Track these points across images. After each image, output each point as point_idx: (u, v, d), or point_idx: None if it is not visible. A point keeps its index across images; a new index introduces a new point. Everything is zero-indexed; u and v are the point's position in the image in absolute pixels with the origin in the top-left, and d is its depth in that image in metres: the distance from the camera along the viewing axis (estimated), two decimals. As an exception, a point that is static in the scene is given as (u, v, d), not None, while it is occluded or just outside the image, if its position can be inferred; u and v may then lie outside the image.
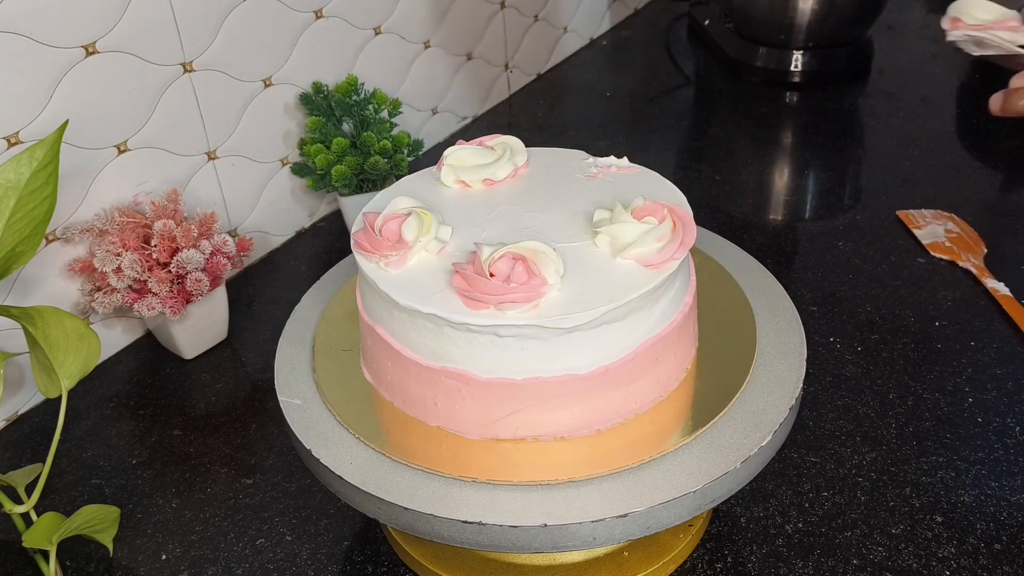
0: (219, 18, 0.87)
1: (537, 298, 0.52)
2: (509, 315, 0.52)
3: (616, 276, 0.54)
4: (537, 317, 0.52)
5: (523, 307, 0.52)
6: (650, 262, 0.55)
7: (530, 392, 0.54)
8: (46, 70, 0.76)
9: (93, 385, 0.84)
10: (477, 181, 0.63)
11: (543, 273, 0.53)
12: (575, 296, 0.53)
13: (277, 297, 0.94)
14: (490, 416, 0.56)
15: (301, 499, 0.72)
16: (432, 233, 0.57)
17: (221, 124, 0.91)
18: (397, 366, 0.58)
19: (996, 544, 0.65)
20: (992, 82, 1.24)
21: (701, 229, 0.71)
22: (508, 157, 0.64)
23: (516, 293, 0.52)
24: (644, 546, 0.64)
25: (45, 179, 0.66)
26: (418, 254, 0.57)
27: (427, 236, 0.57)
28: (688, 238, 0.56)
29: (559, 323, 0.52)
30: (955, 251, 0.88)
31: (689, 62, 1.39)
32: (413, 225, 0.57)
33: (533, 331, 0.52)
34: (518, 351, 0.53)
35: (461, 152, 0.64)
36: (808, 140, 1.19)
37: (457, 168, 0.63)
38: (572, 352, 0.53)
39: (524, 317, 0.52)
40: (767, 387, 0.59)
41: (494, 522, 0.52)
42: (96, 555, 0.69)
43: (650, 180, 0.63)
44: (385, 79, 1.06)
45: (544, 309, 0.52)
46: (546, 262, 0.53)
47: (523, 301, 0.52)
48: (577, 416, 0.56)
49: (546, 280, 0.53)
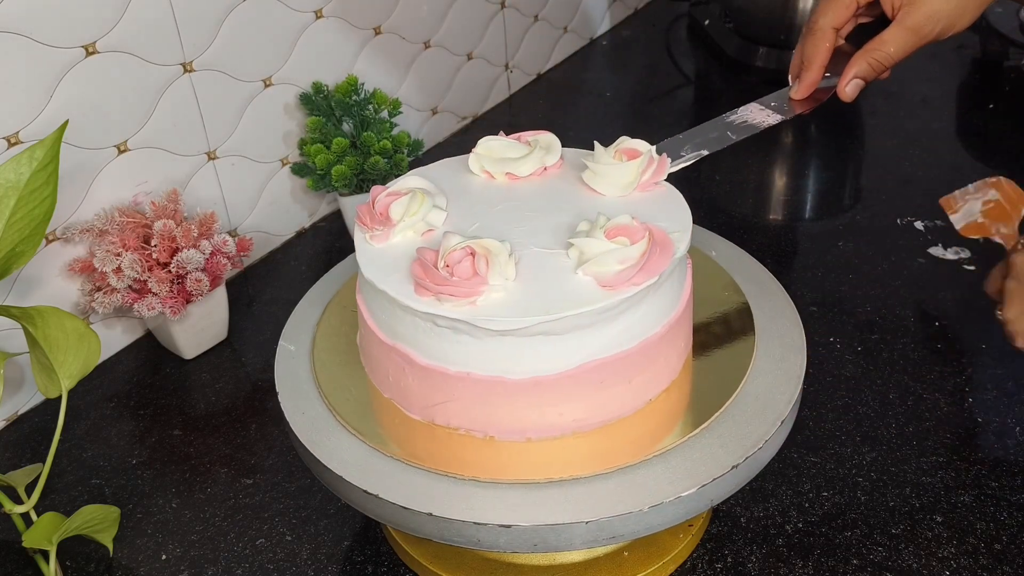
0: (219, 18, 0.87)
1: (474, 295, 0.53)
2: (445, 307, 0.53)
3: (567, 289, 0.54)
4: (469, 314, 0.52)
5: (459, 301, 0.53)
6: (607, 282, 0.53)
7: (462, 386, 0.55)
8: (46, 70, 0.76)
9: (93, 385, 0.84)
10: (501, 174, 0.64)
11: (487, 273, 0.53)
12: (516, 301, 0.53)
13: (277, 297, 0.94)
14: (428, 400, 0.57)
15: (301, 499, 0.72)
16: (420, 215, 0.58)
17: (221, 124, 0.91)
18: (367, 337, 0.60)
19: (996, 544, 0.65)
20: (992, 82, 1.24)
21: (701, 229, 0.71)
22: (538, 154, 0.64)
23: (454, 287, 0.53)
24: (644, 546, 0.64)
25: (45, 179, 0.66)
26: (403, 232, 0.58)
27: (414, 217, 0.58)
28: (654, 267, 0.54)
29: (487, 323, 0.52)
30: (986, 225, 0.83)
31: (689, 62, 1.39)
32: (403, 204, 0.58)
33: (466, 327, 0.53)
34: (453, 344, 0.54)
35: (493, 143, 0.65)
36: (808, 140, 1.19)
37: (483, 158, 0.64)
38: (506, 356, 0.54)
39: (457, 311, 0.52)
40: (767, 387, 0.59)
41: (494, 522, 0.52)
42: (96, 555, 0.69)
43: (667, 199, 0.61)
44: (385, 79, 1.06)
45: (480, 308, 0.53)
46: (496, 263, 0.53)
47: (460, 296, 0.53)
48: (505, 419, 0.56)
49: (486, 280, 0.53)
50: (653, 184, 0.62)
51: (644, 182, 0.61)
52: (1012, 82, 1.23)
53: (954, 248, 0.93)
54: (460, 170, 0.65)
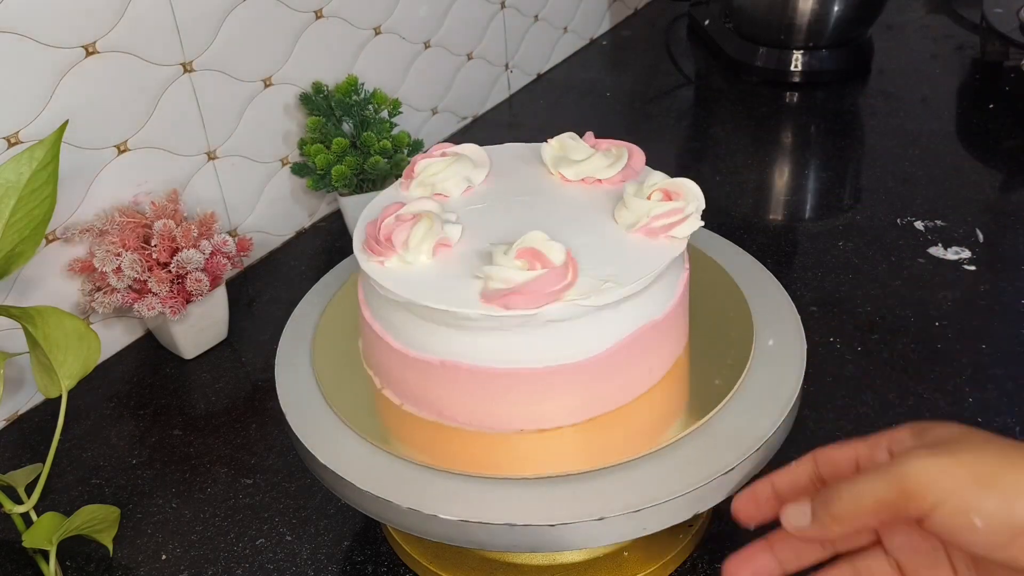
0: (219, 18, 0.87)
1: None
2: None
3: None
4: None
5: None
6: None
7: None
8: (46, 70, 0.76)
9: (93, 385, 0.84)
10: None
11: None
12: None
13: (277, 297, 0.94)
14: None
15: (301, 499, 0.72)
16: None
17: (221, 124, 0.91)
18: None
19: (996, 544, 0.65)
20: (992, 82, 1.24)
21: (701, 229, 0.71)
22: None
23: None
24: (644, 546, 0.64)
25: (45, 179, 0.66)
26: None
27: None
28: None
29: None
30: None
31: (689, 62, 1.39)
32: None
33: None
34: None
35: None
36: (808, 140, 1.19)
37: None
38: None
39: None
40: (767, 387, 0.59)
41: (494, 521, 0.52)
42: (96, 555, 0.69)
43: None
44: (385, 79, 1.06)
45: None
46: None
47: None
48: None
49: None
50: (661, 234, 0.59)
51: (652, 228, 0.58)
52: (1012, 82, 1.23)
53: (954, 248, 0.93)
54: (530, 159, 0.67)
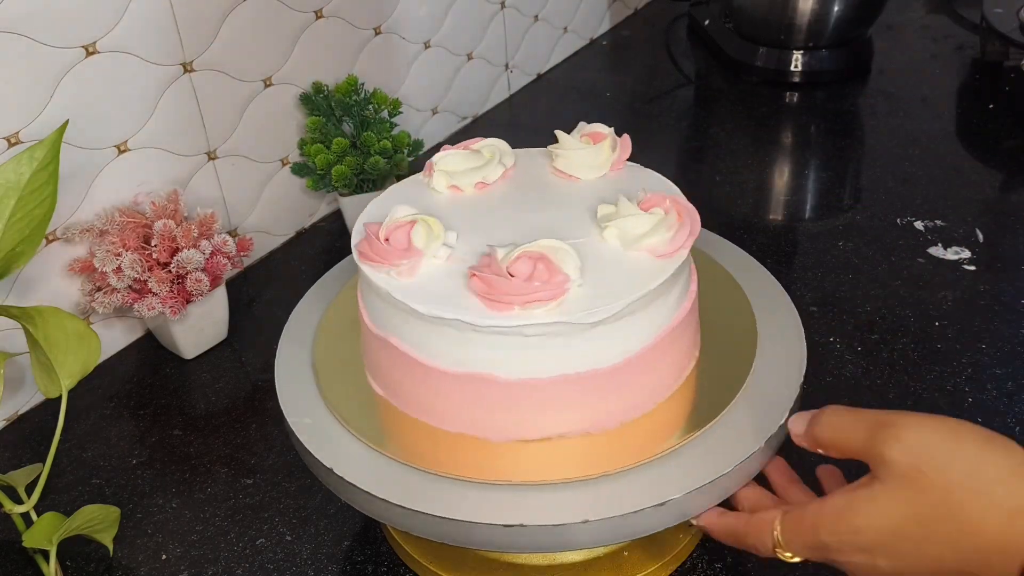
0: (219, 18, 0.87)
1: (562, 295, 0.52)
2: (536, 314, 0.52)
3: (631, 268, 0.55)
4: (564, 314, 0.52)
5: (548, 305, 0.52)
6: (661, 252, 0.55)
7: (556, 390, 0.55)
8: (46, 70, 0.76)
9: (93, 385, 0.84)
10: (469, 185, 0.63)
11: (565, 270, 0.53)
12: (596, 290, 0.53)
13: (277, 297, 0.94)
14: (517, 417, 0.56)
15: (301, 499, 0.72)
16: (441, 239, 0.56)
17: (221, 124, 0.91)
18: (415, 375, 0.57)
19: (996, 544, 0.65)
20: (992, 82, 1.24)
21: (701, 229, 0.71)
22: (498, 159, 0.64)
23: (541, 292, 0.52)
24: (644, 546, 0.64)
25: (45, 179, 0.66)
26: (429, 261, 0.56)
27: (437, 242, 0.56)
28: (695, 226, 0.57)
29: (586, 318, 0.52)
30: None
31: (689, 62, 1.39)
32: (422, 232, 0.56)
33: (559, 328, 0.52)
34: (542, 349, 0.53)
35: (450, 157, 0.64)
36: (808, 140, 1.19)
37: (449, 173, 0.63)
38: (596, 347, 0.54)
39: (551, 315, 0.52)
40: (767, 387, 0.59)
41: (494, 522, 0.52)
42: (96, 555, 0.69)
43: (642, 175, 0.64)
44: (385, 79, 1.06)
45: (568, 305, 0.52)
46: (565, 259, 0.53)
47: (548, 299, 0.52)
48: (600, 410, 0.56)
49: (568, 276, 0.53)
50: (622, 164, 0.65)
51: (616, 160, 0.64)
52: (1012, 82, 1.23)
53: (954, 248, 0.93)
54: (422, 190, 0.63)
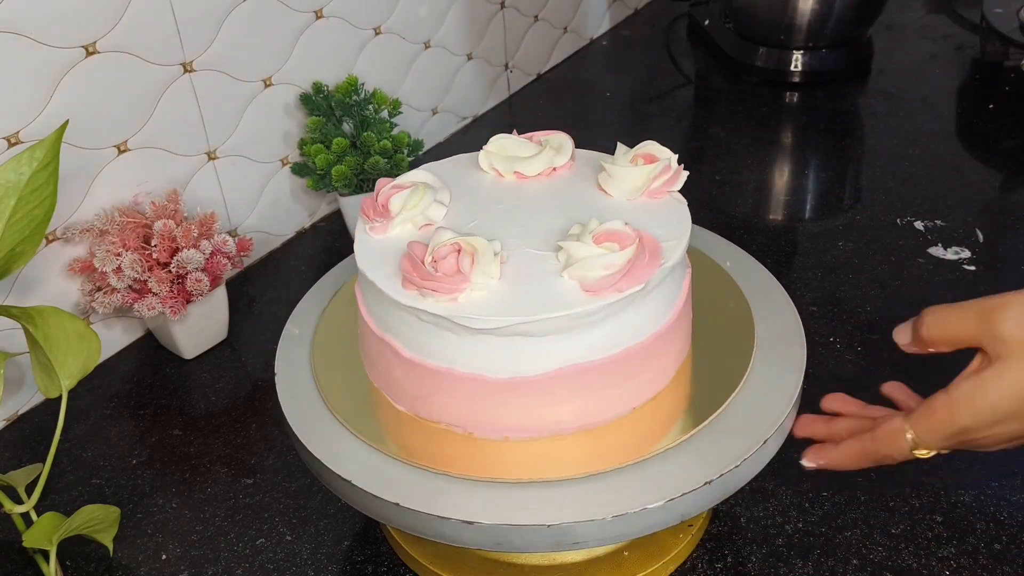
0: (219, 18, 0.87)
1: (455, 292, 0.53)
2: (427, 302, 0.53)
3: (550, 292, 0.53)
4: (449, 310, 0.53)
5: (441, 297, 0.53)
6: (590, 287, 0.53)
7: (442, 381, 0.56)
8: (46, 70, 0.76)
9: (93, 385, 0.84)
10: (509, 172, 0.64)
11: (470, 271, 0.53)
12: (497, 300, 0.53)
13: (277, 297, 0.94)
14: (414, 392, 0.58)
15: (301, 499, 0.72)
16: (420, 209, 0.58)
17: (221, 124, 0.91)
18: (363, 330, 0.60)
19: (996, 544, 0.65)
20: (992, 82, 1.24)
21: (701, 229, 0.71)
22: (547, 154, 0.64)
23: (437, 282, 0.53)
24: (644, 546, 0.64)
25: (45, 179, 0.66)
26: (401, 226, 0.59)
27: (413, 210, 0.58)
28: (640, 274, 0.53)
29: (465, 321, 0.52)
30: None
31: (689, 62, 1.39)
32: (403, 197, 0.59)
33: (447, 323, 0.53)
34: (435, 338, 0.54)
35: (505, 141, 0.65)
36: (808, 140, 1.19)
37: (493, 155, 0.64)
38: (486, 354, 0.54)
39: (438, 307, 0.53)
40: (766, 387, 0.59)
41: (494, 521, 0.52)
42: (96, 555, 0.69)
43: (671, 209, 0.60)
44: (385, 79, 1.06)
45: (461, 305, 0.53)
46: (483, 261, 0.53)
47: (442, 292, 0.53)
48: (486, 417, 0.56)
49: (468, 278, 0.53)
50: (665, 192, 0.61)
51: (654, 189, 0.60)
52: (1012, 82, 1.23)
53: (954, 248, 0.93)
54: (470, 167, 0.65)
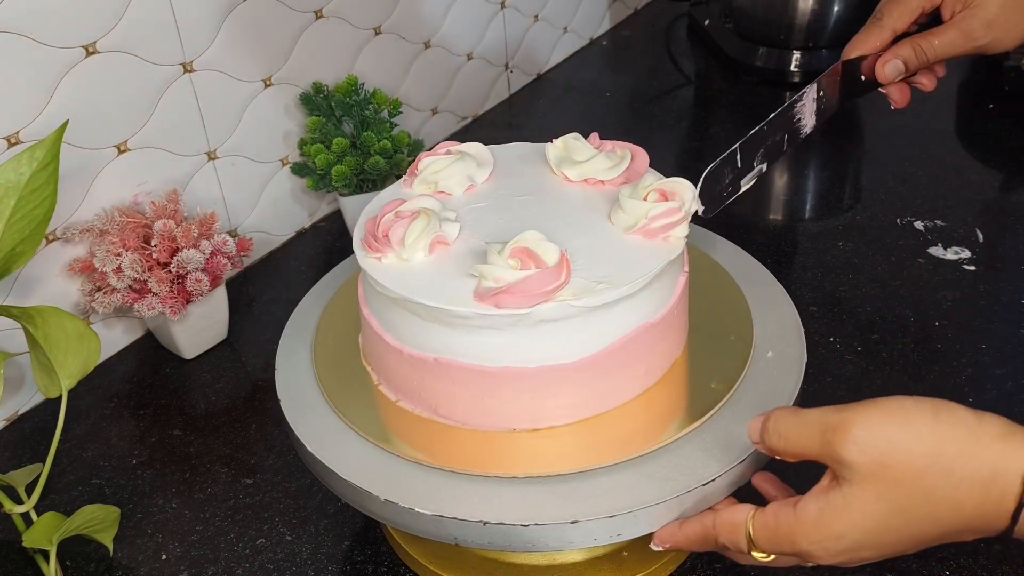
0: (219, 18, 0.87)
1: (380, 254, 0.55)
2: (367, 262, 0.55)
3: (447, 284, 0.54)
4: (370, 267, 0.55)
5: (370, 254, 0.56)
6: (478, 293, 0.53)
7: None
8: (46, 70, 0.76)
9: (93, 385, 0.84)
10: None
11: (400, 240, 0.55)
12: (399, 273, 0.55)
13: (277, 297, 0.94)
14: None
15: (301, 499, 0.72)
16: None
17: (221, 124, 0.91)
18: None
19: (996, 544, 0.65)
20: (992, 82, 1.24)
21: (701, 229, 0.71)
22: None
23: (374, 240, 0.55)
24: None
25: (45, 179, 0.66)
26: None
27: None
28: (521, 300, 0.52)
29: (373, 282, 0.55)
30: None
31: (689, 62, 1.39)
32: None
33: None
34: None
35: (574, 141, 0.66)
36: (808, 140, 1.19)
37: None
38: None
39: (366, 263, 0.55)
40: (766, 386, 0.59)
41: (493, 521, 0.52)
42: (96, 555, 0.69)
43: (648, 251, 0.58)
44: (385, 79, 1.06)
45: (376, 266, 0.56)
46: (413, 235, 0.56)
47: (372, 250, 0.55)
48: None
49: (391, 245, 0.55)
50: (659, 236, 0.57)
51: (650, 229, 0.57)
52: (1012, 82, 1.22)
53: (954, 248, 0.93)
54: (532, 155, 0.66)
